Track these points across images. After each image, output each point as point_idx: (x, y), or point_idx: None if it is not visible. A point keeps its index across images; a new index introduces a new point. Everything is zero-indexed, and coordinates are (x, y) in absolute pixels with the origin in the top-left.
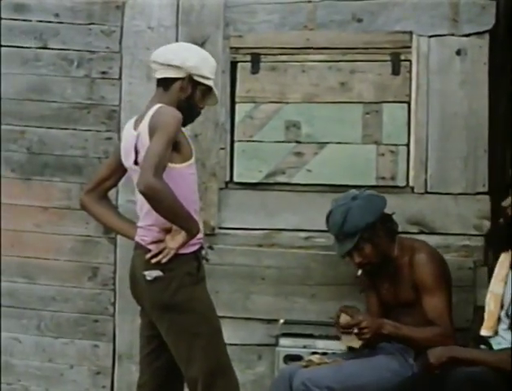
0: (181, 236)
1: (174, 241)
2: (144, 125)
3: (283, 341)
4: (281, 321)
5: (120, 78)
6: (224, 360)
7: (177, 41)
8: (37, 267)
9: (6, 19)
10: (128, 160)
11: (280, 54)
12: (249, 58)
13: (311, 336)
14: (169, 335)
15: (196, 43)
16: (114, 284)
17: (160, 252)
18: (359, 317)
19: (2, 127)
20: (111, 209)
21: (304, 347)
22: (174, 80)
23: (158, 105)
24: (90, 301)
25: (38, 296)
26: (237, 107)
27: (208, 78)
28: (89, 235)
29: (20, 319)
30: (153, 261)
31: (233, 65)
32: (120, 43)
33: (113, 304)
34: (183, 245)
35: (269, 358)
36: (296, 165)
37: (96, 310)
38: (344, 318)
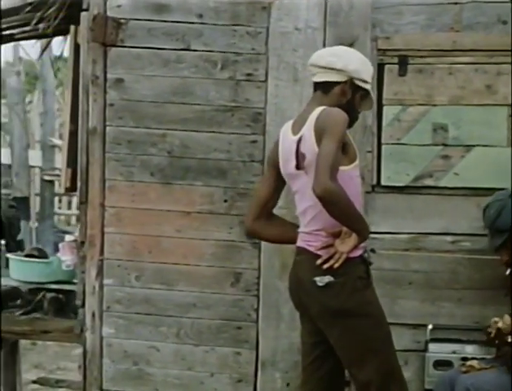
0: (352, 239)
1: (345, 245)
2: (308, 128)
3: (432, 347)
4: (430, 326)
5: (266, 80)
6: (396, 364)
7: (325, 43)
8: (177, 273)
9: (146, 20)
10: (288, 166)
11: (428, 57)
12: (396, 60)
13: (459, 341)
14: (340, 340)
15: (343, 45)
16: (258, 290)
17: (330, 257)
18: None
19: (141, 130)
20: (280, 226)
21: (453, 352)
22: (335, 83)
23: (321, 107)
24: (233, 308)
25: (177, 303)
26: (385, 109)
27: (367, 82)
28: (232, 240)
29: (158, 327)
30: (325, 266)
31: (380, 67)
32: (266, 45)
33: (256, 310)
34: (354, 249)
35: (415, 364)
36: (443, 169)
37: (239, 317)
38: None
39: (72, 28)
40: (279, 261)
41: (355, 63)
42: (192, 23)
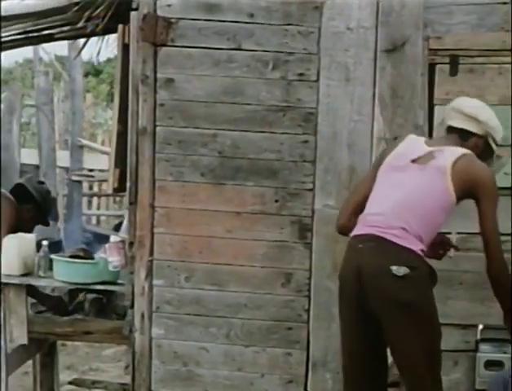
0: None
1: None
2: (445, 164)
3: (483, 347)
4: (480, 326)
5: (317, 80)
6: (440, 367)
7: (376, 42)
8: (227, 274)
9: (197, 19)
10: (399, 159)
11: (478, 56)
12: (447, 60)
13: (509, 341)
14: (404, 334)
15: (395, 44)
16: (309, 290)
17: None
18: None
19: (192, 130)
20: None
21: (504, 352)
22: (471, 134)
23: (465, 150)
24: (284, 308)
25: (228, 304)
26: (436, 109)
27: (496, 144)
28: (283, 240)
29: (208, 328)
30: None
31: (431, 67)
32: (318, 44)
33: (307, 310)
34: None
35: (465, 364)
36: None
37: (290, 317)
38: None
39: (120, 27)
40: (330, 262)
41: (495, 121)
42: (244, 22)
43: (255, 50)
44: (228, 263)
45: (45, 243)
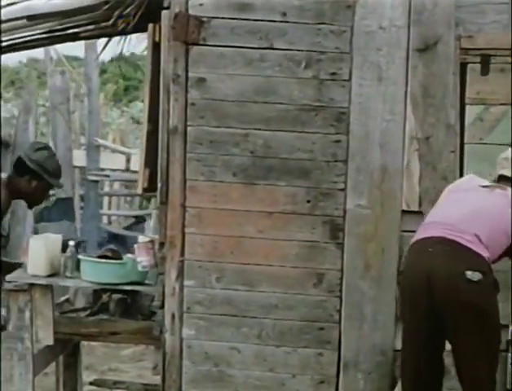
0: None
1: None
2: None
3: None
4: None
5: (349, 79)
6: (496, 370)
7: (409, 41)
8: (259, 274)
9: (229, 18)
10: (468, 184)
11: (509, 56)
12: (478, 59)
13: None
14: (466, 333)
15: (428, 43)
16: (340, 291)
17: None
18: None
19: (224, 130)
20: None
21: None
22: None
23: None
24: (315, 309)
25: (259, 304)
26: (467, 109)
27: None
28: (315, 241)
29: (239, 328)
30: None
31: (463, 66)
32: (350, 43)
33: (339, 311)
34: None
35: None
36: None
37: (321, 318)
38: None
39: (150, 26)
40: (362, 262)
41: None
42: (276, 21)
43: (287, 50)
44: (260, 263)
45: (71, 243)
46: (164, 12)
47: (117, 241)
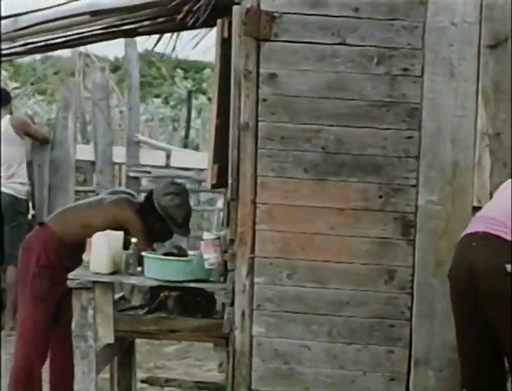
0: None
1: None
2: None
3: None
4: None
5: (422, 75)
6: None
7: (480, 38)
8: (329, 271)
9: (301, 14)
10: None
11: None
12: None
13: None
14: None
15: (499, 40)
16: (412, 288)
17: None
18: None
19: (295, 126)
20: None
21: None
22: None
23: None
24: (386, 306)
25: (330, 301)
26: None
27: None
28: (386, 237)
29: (310, 325)
30: None
31: None
32: (422, 39)
33: (410, 308)
34: None
35: None
36: None
37: (392, 315)
38: None
39: (219, 21)
40: (433, 259)
41: None
42: (349, 17)
43: (360, 45)
44: (331, 260)
45: (134, 240)
46: (235, 7)
47: None
